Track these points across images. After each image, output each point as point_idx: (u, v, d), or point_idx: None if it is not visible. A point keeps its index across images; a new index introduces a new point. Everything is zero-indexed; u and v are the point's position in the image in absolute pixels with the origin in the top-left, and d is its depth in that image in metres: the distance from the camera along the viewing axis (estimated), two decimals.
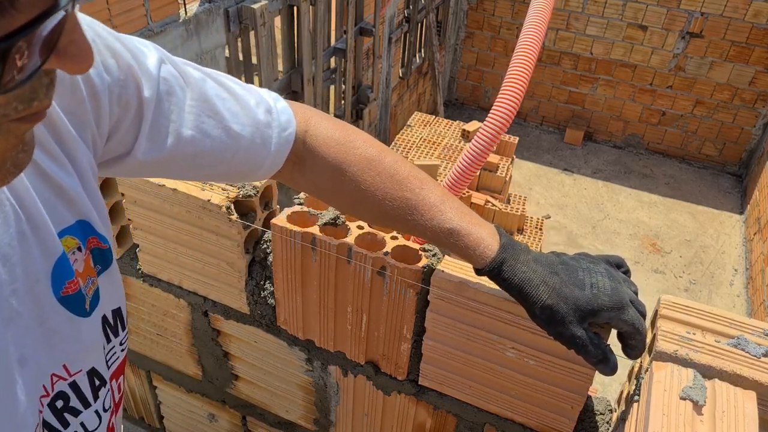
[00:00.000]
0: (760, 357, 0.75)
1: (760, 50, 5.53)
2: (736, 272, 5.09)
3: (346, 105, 4.55)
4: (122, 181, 1.00)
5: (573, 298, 0.72)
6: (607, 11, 5.85)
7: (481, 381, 0.92)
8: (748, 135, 5.99)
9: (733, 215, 5.70)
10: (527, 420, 0.93)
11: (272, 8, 3.35)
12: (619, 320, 0.73)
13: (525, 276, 0.73)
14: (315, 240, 0.90)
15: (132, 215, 1.05)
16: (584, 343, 0.72)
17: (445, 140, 4.60)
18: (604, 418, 0.93)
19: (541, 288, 0.72)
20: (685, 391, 0.72)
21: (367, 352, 1.00)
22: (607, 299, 0.72)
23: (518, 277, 0.73)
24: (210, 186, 0.96)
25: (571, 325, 0.72)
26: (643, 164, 6.35)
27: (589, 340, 0.72)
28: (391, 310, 0.91)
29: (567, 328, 0.72)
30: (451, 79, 6.96)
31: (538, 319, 0.73)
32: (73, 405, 0.65)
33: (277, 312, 1.04)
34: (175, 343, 1.23)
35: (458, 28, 6.55)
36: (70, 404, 0.64)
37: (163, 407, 1.43)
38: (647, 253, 5.25)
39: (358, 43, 4.37)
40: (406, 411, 1.05)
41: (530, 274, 0.73)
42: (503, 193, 4.38)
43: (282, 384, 1.17)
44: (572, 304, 0.72)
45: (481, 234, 0.75)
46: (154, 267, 1.11)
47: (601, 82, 6.28)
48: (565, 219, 5.49)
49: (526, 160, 6.26)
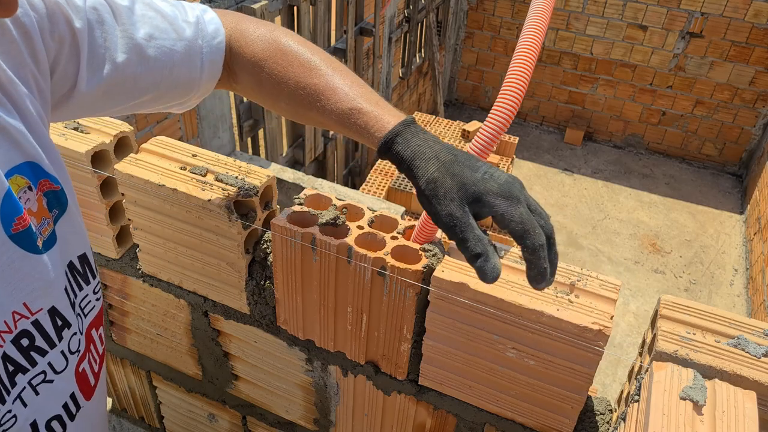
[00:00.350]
0: (760, 357, 0.75)
1: (761, 50, 5.53)
2: (736, 272, 5.09)
3: None
4: (122, 181, 1.00)
5: (461, 176, 0.68)
6: (607, 11, 5.85)
7: (481, 381, 0.92)
8: (748, 135, 5.99)
9: (733, 215, 5.70)
10: (527, 420, 0.93)
11: (272, 8, 3.35)
12: (506, 213, 0.66)
13: (418, 149, 0.70)
14: (315, 240, 0.90)
15: (132, 215, 1.05)
16: (463, 227, 0.66)
17: (446, 140, 4.60)
18: (604, 418, 0.93)
19: (431, 162, 0.69)
20: (685, 391, 0.72)
21: (367, 352, 1.01)
22: (497, 186, 0.67)
23: (411, 149, 0.71)
24: (210, 186, 0.96)
25: (452, 203, 0.67)
26: (643, 164, 6.35)
27: (470, 228, 0.67)
28: (391, 310, 0.92)
29: (447, 205, 0.67)
30: (452, 79, 6.96)
31: (423, 197, 0.69)
32: (39, 344, 0.67)
33: (277, 312, 1.04)
34: (175, 343, 1.23)
35: (458, 27, 6.54)
36: (36, 343, 0.67)
37: (163, 407, 1.43)
38: (647, 253, 5.25)
39: (358, 42, 4.37)
40: (406, 411, 1.05)
41: (424, 148, 0.70)
42: None
43: (282, 384, 1.17)
44: (458, 182, 0.67)
45: (383, 115, 0.74)
46: (154, 267, 1.12)
47: (601, 82, 6.28)
48: (565, 219, 5.49)
49: (526, 160, 6.26)
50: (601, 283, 0.84)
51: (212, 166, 1.00)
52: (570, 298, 0.81)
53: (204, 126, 3.01)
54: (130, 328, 1.28)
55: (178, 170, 0.99)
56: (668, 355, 0.76)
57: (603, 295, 0.82)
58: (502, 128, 0.78)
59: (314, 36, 3.78)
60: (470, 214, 0.67)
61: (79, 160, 1.01)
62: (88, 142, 1.02)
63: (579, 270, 0.86)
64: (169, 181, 0.96)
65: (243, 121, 3.55)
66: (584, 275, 0.85)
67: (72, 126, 1.06)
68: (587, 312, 0.79)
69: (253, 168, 1.00)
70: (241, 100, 3.50)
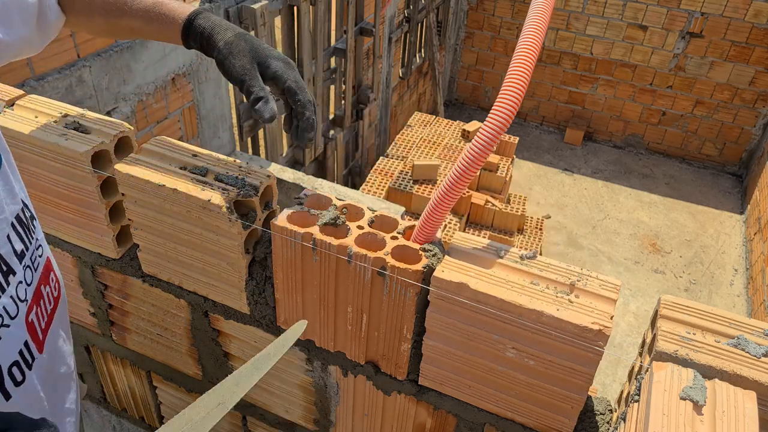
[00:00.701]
0: (760, 357, 0.75)
1: (761, 50, 5.53)
2: (736, 272, 5.09)
3: (346, 105, 4.55)
4: (122, 181, 1.00)
5: (252, 42, 0.86)
6: (607, 11, 5.85)
7: (481, 381, 0.92)
8: (748, 135, 5.99)
9: (734, 215, 5.70)
10: (527, 420, 0.93)
11: (272, 8, 3.35)
12: (284, 73, 0.86)
13: (218, 21, 0.87)
14: (315, 240, 0.90)
15: (132, 215, 1.05)
16: (252, 77, 0.84)
17: (446, 140, 4.60)
18: (604, 418, 0.93)
19: (228, 31, 0.87)
20: (685, 391, 0.72)
21: (367, 352, 1.01)
22: (278, 54, 0.87)
23: (211, 21, 0.87)
24: (210, 186, 0.96)
25: (244, 58, 0.85)
26: (643, 164, 6.35)
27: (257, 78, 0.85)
28: (391, 310, 0.92)
29: (241, 59, 0.85)
30: (452, 79, 6.96)
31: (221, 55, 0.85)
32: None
33: (277, 312, 1.04)
34: (176, 343, 1.23)
35: (458, 28, 6.55)
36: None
37: (164, 407, 1.43)
38: (647, 253, 5.25)
39: (359, 42, 4.37)
40: (406, 411, 1.05)
41: (221, 22, 0.88)
42: (503, 193, 4.38)
43: (282, 384, 1.17)
44: (250, 45, 0.86)
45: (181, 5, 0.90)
46: (154, 267, 1.12)
47: (601, 81, 6.28)
48: (565, 219, 5.49)
49: (526, 159, 6.26)
50: (601, 283, 0.84)
51: (212, 166, 1.00)
52: (570, 298, 0.81)
53: (204, 126, 3.01)
54: (130, 328, 1.28)
55: (179, 170, 0.99)
56: (668, 355, 0.76)
57: (603, 295, 0.82)
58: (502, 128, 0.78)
59: (314, 36, 3.78)
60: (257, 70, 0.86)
61: (79, 160, 1.01)
62: (88, 142, 1.02)
63: (579, 270, 0.86)
64: (169, 181, 0.96)
65: (243, 121, 3.55)
66: (584, 275, 0.85)
67: (72, 126, 1.06)
68: (587, 312, 0.79)
69: (253, 168, 1.00)
70: (241, 99, 3.50)
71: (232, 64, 0.85)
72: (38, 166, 1.07)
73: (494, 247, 0.89)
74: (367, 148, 5.20)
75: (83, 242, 1.17)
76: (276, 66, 0.86)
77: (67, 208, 1.12)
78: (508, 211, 4.24)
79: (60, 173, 1.06)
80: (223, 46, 0.85)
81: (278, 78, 0.86)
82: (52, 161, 1.05)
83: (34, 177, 1.10)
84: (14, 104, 1.11)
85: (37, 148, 1.04)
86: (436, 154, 4.46)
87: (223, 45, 0.86)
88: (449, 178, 0.84)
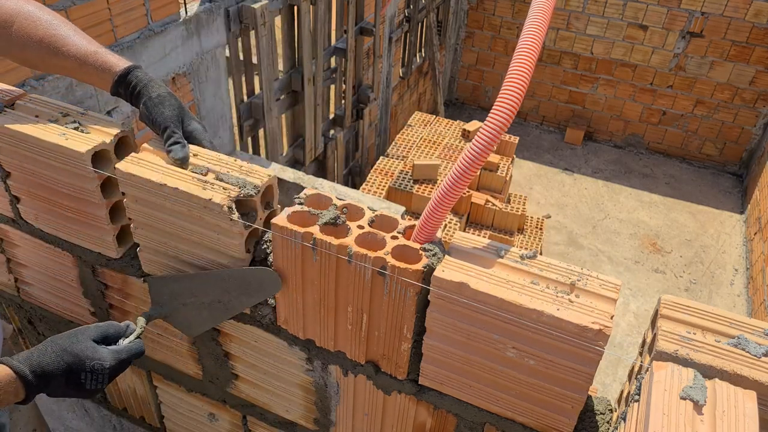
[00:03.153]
0: (760, 357, 0.75)
1: (761, 50, 5.53)
2: (736, 272, 5.09)
3: (346, 104, 4.55)
4: (123, 181, 1.00)
5: (180, 102, 1.04)
6: (607, 11, 5.85)
7: (482, 381, 0.92)
8: (748, 135, 5.99)
9: (734, 215, 5.70)
10: (527, 420, 0.93)
11: (272, 8, 3.35)
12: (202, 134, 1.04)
13: (155, 80, 1.04)
14: (315, 240, 0.90)
15: (133, 214, 1.05)
16: (177, 126, 1.00)
17: (446, 140, 4.60)
18: (604, 417, 0.93)
19: (162, 88, 1.02)
20: (685, 390, 0.72)
21: (367, 351, 1.01)
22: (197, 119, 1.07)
23: (147, 77, 1.03)
24: (211, 185, 0.96)
25: (173, 111, 1.01)
26: (644, 164, 6.35)
27: (178, 126, 1.01)
28: (392, 309, 0.92)
29: (170, 111, 1.01)
30: (452, 79, 6.96)
31: (152, 103, 1.01)
32: None
33: (278, 312, 1.04)
34: (176, 343, 1.24)
35: (459, 27, 6.54)
36: None
37: (164, 407, 1.43)
38: (647, 252, 5.25)
39: (359, 42, 4.37)
40: (406, 411, 1.05)
41: (155, 80, 1.04)
42: (503, 192, 4.38)
43: (282, 384, 1.17)
44: (179, 103, 1.03)
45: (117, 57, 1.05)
46: (154, 266, 1.12)
47: (601, 81, 6.28)
48: (566, 219, 5.49)
49: (527, 159, 6.26)
50: (601, 282, 0.84)
51: (213, 165, 1.00)
52: (570, 297, 0.81)
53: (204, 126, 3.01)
54: None
55: (179, 169, 0.99)
56: (668, 355, 0.76)
57: (603, 294, 0.82)
58: (503, 128, 0.78)
59: (314, 36, 3.78)
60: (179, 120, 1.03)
61: (79, 160, 1.02)
62: (88, 142, 1.02)
63: (579, 270, 0.86)
64: (170, 180, 0.96)
65: (243, 121, 3.55)
66: (584, 275, 0.85)
67: (72, 126, 1.06)
68: (587, 312, 0.79)
69: (254, 167, 1.00)
70: (241, 99, 3.50)
71: (161, 112, 1.00)
72: (38, 166, 1.07)
73: (494, 246, 0.89)
74: (367, 147, 5.20)
75: (83, 242, 1.17)
76: (195, 126, 1.04)
77: (68, 208, 1.12)
78: (508, 210, 4.24)
79: (60, 173, 1.06)
80: (156, 96, 1.01)
81: (194, 138, 1.03)
82: (53, 161, 1.05)
83: (34, 177, 1.10)
84: (14, 104, 1.11)
85: (38, 148, 1.04)
86: (436, 154, 4.46)
87: (156, 96, 1.01)
88: (449, 178, 0.84)
